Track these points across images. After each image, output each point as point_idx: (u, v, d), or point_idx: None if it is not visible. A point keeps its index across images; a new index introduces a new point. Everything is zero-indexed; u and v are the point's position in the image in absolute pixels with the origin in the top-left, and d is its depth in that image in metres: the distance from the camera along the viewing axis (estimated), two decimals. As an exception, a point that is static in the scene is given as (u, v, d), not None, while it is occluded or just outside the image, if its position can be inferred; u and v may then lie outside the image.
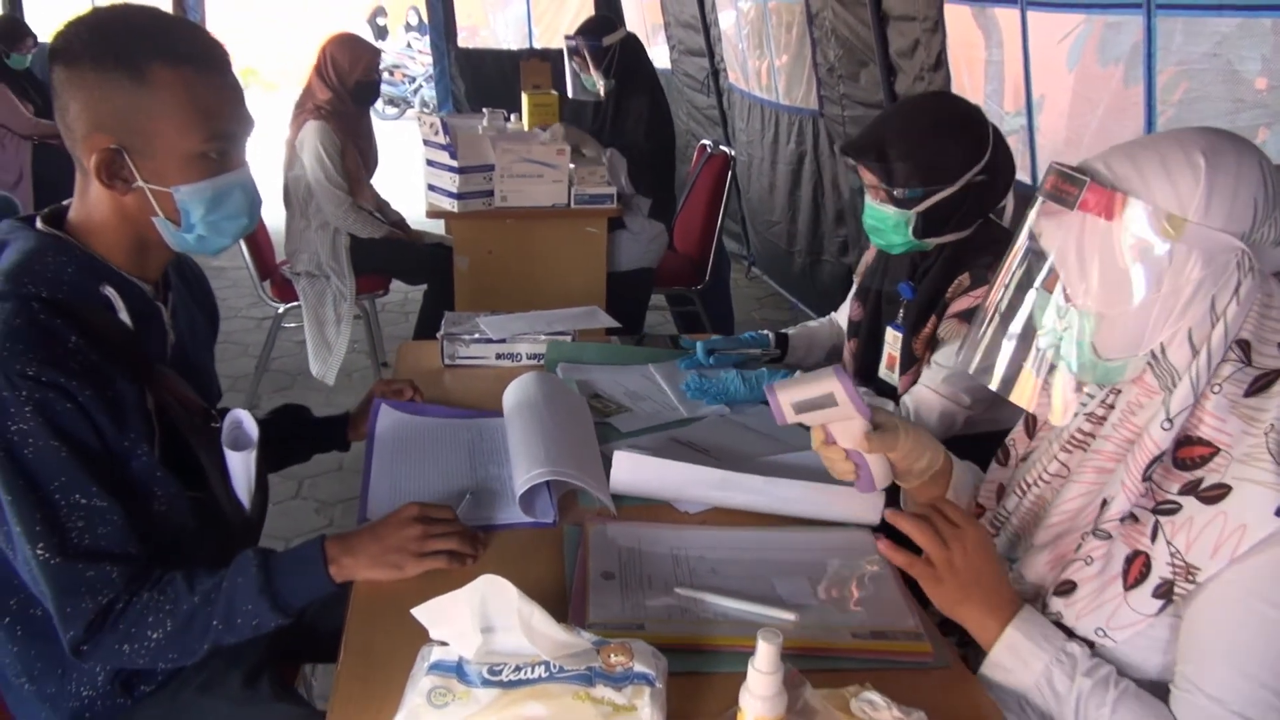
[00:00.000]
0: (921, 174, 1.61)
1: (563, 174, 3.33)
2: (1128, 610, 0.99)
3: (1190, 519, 0.96)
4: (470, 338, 1.88)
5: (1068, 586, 1.05)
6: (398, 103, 12.38)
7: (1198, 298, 0.97)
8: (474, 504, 1.34)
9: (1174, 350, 0.99)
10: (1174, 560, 0.96)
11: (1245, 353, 0.96)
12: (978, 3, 3.07)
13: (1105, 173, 0.99)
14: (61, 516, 1.07)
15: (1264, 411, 0.94)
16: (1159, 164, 0.96)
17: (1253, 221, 0.95)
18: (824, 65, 4.19)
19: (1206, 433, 0.97)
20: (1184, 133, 0.99)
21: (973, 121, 1.65)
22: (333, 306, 3.58)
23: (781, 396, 1.20)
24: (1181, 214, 0.95)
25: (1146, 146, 0.99)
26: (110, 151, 1.12)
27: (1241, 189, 0.95)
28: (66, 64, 1.11)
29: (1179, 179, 0.95)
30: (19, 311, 1.06)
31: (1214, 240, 0.95)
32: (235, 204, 1.21)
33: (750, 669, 0.86)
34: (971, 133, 1.63)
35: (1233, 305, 0.95)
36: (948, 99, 1.82)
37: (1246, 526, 0.91)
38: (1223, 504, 0.94)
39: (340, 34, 3.67)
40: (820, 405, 1.19)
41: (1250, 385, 0.96)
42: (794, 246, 4.83)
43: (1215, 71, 2.18)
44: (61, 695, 1.21)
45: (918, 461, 1.23)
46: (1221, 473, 0.95)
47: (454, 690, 0.90)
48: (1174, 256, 0.96)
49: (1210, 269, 0.96)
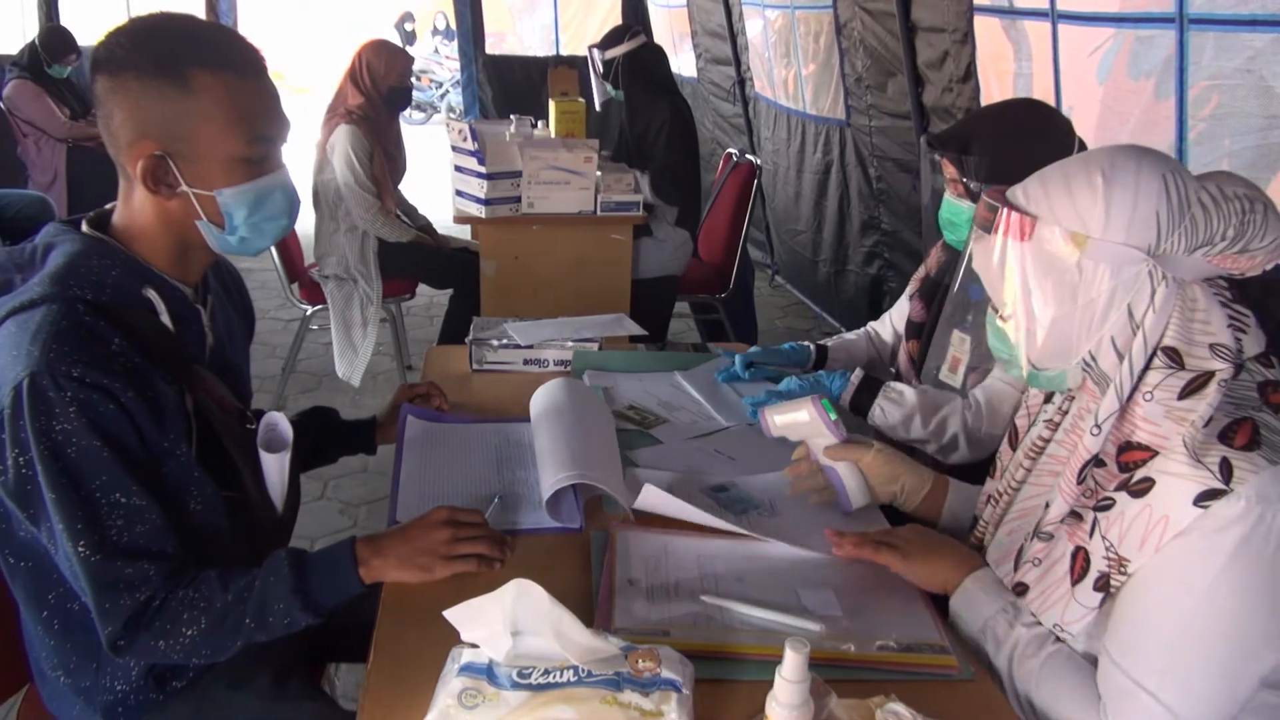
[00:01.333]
0: (1000, 171, 1.59)
1: (589, 181, 3.35)
2: (1076, 605, 1.04)
3: (1121, 512, 1.00)
4: (498, 343, 1.90)
5: (1020, 588, 1.11)
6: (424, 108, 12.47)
7: (1113, 307, 1.02)
8: (502, 508, 1.36)
9: (1103, 357, 1.04)
10: (1108, 553, 1.01)
11: (1175, 359, 1.00)
12: (1008, 15, 3.07)
13: (1020, 197, 1.06)
14: (102, 515, 1.09)
15: (1194, 412, 0.98)
16: (1063, 184, 1.03)
17: (1157, 233, 0.99)
18: (852, 75, 4.19)
19: (1144, 438, 1.01)
20: (1094, 153, 1.05)
21: (1058, 130, 1.68)
22: (359, 309, 3.62)
23: (769, 414, 1.43)
24: (1084, 231, 1.00)
25: (1058, 168, 1.05)
26: (155, 158, 1.15)
27: (1141, 203, 0.99)
28: (110, 73, 1.13)
29: (1079, 197, 1.01)
30: (65, 314, 1.09)
31: (1118, 253, 1.00)
32: (276, 205, 1.23)
33: (778, 677, 0.87)
34: (1055, 140, 1.65)
35: (1149, 314, 1.00)
36: (1040, 106, 1.83)
37: (1168, 518, 0.96)
38: (1147, 497, 0.98)
39: (375, 40, 3.71)
40: (797, 423, 1.40)
41: (1184, 388, 0.99)
42: (819, 256, 4.83)
43: (1247, 87, 2.17)
44: (95, 689, 1.23)
45: (891, 483, 1.37)
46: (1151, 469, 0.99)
47: (484, 692, 0.91)
48: (1083, 271, 1.01)
49: (1120, 279, 1.00)
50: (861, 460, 1.37)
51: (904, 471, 1.37)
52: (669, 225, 3.60)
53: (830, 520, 1.38)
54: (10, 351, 1.07)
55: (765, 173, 5.00)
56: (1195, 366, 0.99)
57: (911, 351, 1.92)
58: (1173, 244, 0.99)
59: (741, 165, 4.06)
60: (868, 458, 1.36)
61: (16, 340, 1.07)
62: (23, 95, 4.98)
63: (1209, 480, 0.94)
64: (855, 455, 1.36)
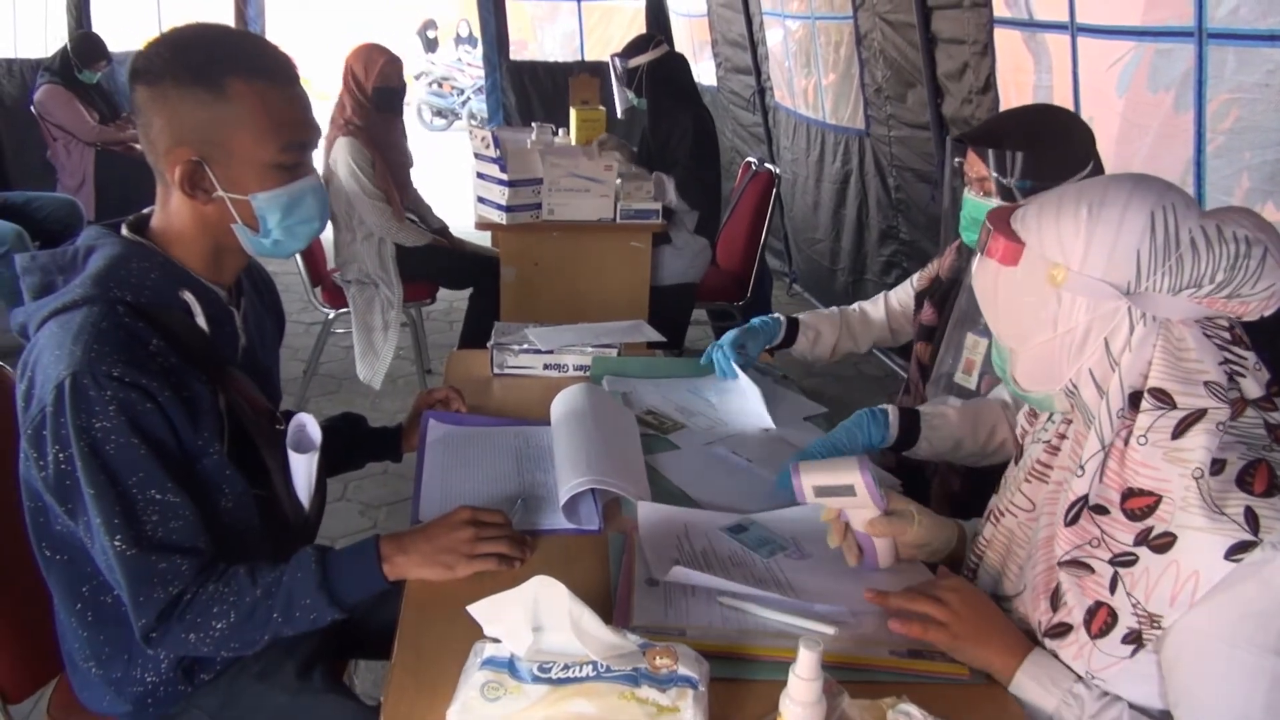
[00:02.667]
0: (1033, 168, 1.64)
1: (609, 189, 3.38)
2: (1100, 654, 1.01)
3: (1146, 569, 0.98)
4: (519, 348, 1.93)
5: (1061, 629, 1.06)
6: (446, 114, 12.56)
7: (1090, 340, 1.02)
8: (524, 509, 1.39)
9: (1083, 388, 1.05)
10: (1136, 611, 0.98)
11: (1164, 400, 0.98)
12: (1028, 28, 3.08)
13: (1018, 222, 1.06)
14: (138, 510, 1.12)
15: (1190, 452, 0.96)
16: (1054, 214, 1.03)
17: (1136, 272, 0.98)
18: (871, 85, 4.21)
19: (1145, 483, 0.99)
20: (1093, 182, 1.04)
21: (1082, 133, 1.70)
22: (381, 313, 3.66)
23: (805, 480, 1.25)
24: (1065, 263, 1.01)
25: (1053, 194, 1.06)
26: (192, 164, 1.18)
27: (1122, 240, 0.98)
28: (149, 83, 1.17)
29: (1064, 228, 1.01)
30: (106, 315, 1.12)
31: (1095, 288, 1.00)
32: (308, 208, 1.27)
33: (791, 675, 0.89)
34: (1080, 142, 1.68)
35: (1126, 353, 1.00)
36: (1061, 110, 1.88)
37: (1199, 574, 0.93)
38: (1172, 552, 0.96)
39: (358, 45, 3.73)
40: (839, 493, 1.24)
41: (1176, 427, 0.97)
42: (837, 265, 4.85)
43: (1267, 101, 2.17)
44: (126, 680, 1.27)
45: (927, 545, 1.29)
46: (1168, 520, 0.97)
47: (506, 685, 0.94)
48: (1061, 301, 1.02)
49: (1097, 314, 1.01)
50: (905, 536, 1.26)
51: (935, 539, 1.29)
52: (688, 233, 3.63)
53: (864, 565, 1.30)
54: (53, 351, 1.11)
55: (784, 181, 5.02)
56: (1187, 405, 0.97)
57: (921, 354, 1.93)
58: (1154, 283, 0.98)
59: (760, 174, 4.08)
60: (909, 535, 1.26)
61: (59, 340, 1.11)
62: (54, 100, 5.06)
63: (1236, 532, 0.92)
64: (898, 532, 1.26)
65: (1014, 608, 1.14)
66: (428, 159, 4.03)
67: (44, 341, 1.13)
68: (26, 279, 1.20)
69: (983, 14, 3.22)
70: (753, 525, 1.39)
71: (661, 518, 1.37)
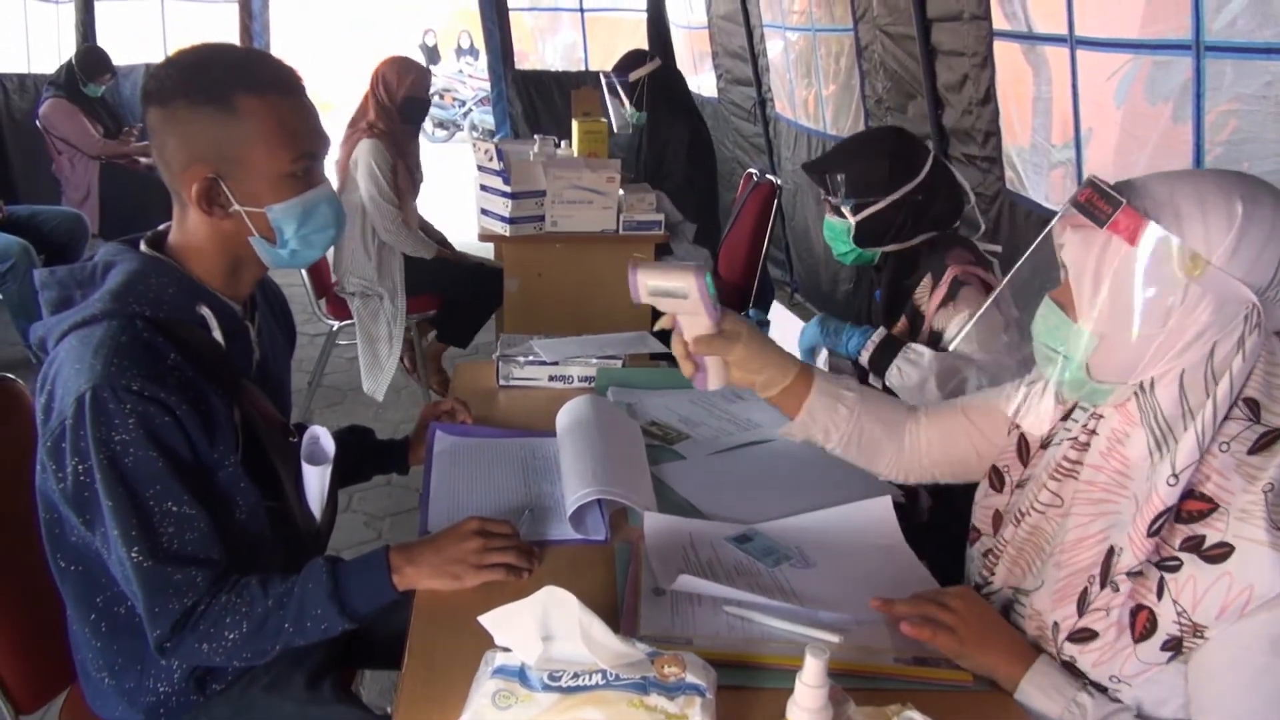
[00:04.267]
0: (853, 187, 1.89)
1: (612, 200, 3.41)
2: (1136, 661, 1.00)
3: (1193, 578, 0.96)
4: (525, 360, 1.94)
5: (1086, 634, 1.04)
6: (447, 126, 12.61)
7: (1199, 342, 0.97)
8: (532, 520, 1.40)
9: (1162, 388, 1.00)
10: (1180, 619, 0.97)
11: (1254, 411, 0.97)
12: (1027, 40, 3.10)
13: (1142, 198, 0.98)
14: (155, 522, 1.14)
15: (1264, 470, 0.94)
16: (1196, 201, 0.96)
17: (1272, 278, 0.95)
18: (872, 96, 4.23)
19: (1210, 489, 0.97)
20: (1226, 175, 1.00)
21: (904, 148, 1.91)
22: (385, 325, 3.68)
23: (642, 278, 1.22)
24: (1206, 255, 0.95)
25: (1187, 181, 0.99)
26: (208, 181, 1.21)
27: (1271, 244, 0.95)
28: (161, 104, 1.20)
29: (1212, 220, 0.95)
30: (125, 329, 1.14)
31: (1229, 288, 0.95)
32: (323, 217, 1.29)
33: (798, 682, 0.91)
34: (901, 157, 1.88)
35: (1237, 359, 0.96)
36: (890, 131, 2.08)
37: (1254, 587, 0.92)
38: (1226, 564, 0.94)
39: (392, 56, 3.78)
40: (673, 295, 1.21)
41: (1255, 443, 0.96)
42: (838, 275, 4.87)
43: (1265, 112, 2.19)
44: (139, 690, 1.28)
45: (758, 374, 1.27)
46: (1222, 530, 0.95)
47: (516, 693, 0.95)
48: (1187, 295, 0.96)
49: (1219, 316, 0.96)
50: (729, 355, 1.25)
51: (769, 364, 1.28)
52: (688, 243, 3.65)
53: (868, 568, 1.33)
54: (73, 365, 1.13)
55: (785, 192, 5.04)
56: (1269, 422, 0.96)
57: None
58: (1277, 293, 0.95)
59: (762, 185, 4.10)
60: (736, 353, 1.25)
61: (79, 354, 1.13)
62: (58, 113, 5.10)
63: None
64: (724, 352, 1.24)
65: (1029, 602, 1.14)
66: (430, 170, 4.05)
67: (64, 355, 1.15)
68: (45, 294, 1.22)
69: (982, 26, 3.25)
70: (757, 535, 1.40)
71: (667, 528, 1.38)
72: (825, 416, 1.31)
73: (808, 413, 1.31)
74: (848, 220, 1.91)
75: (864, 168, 1.88)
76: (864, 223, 1.90)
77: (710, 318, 1.22)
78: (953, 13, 3.40)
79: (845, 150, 1.99)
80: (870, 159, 1.89)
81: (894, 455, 1.36)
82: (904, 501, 1.49)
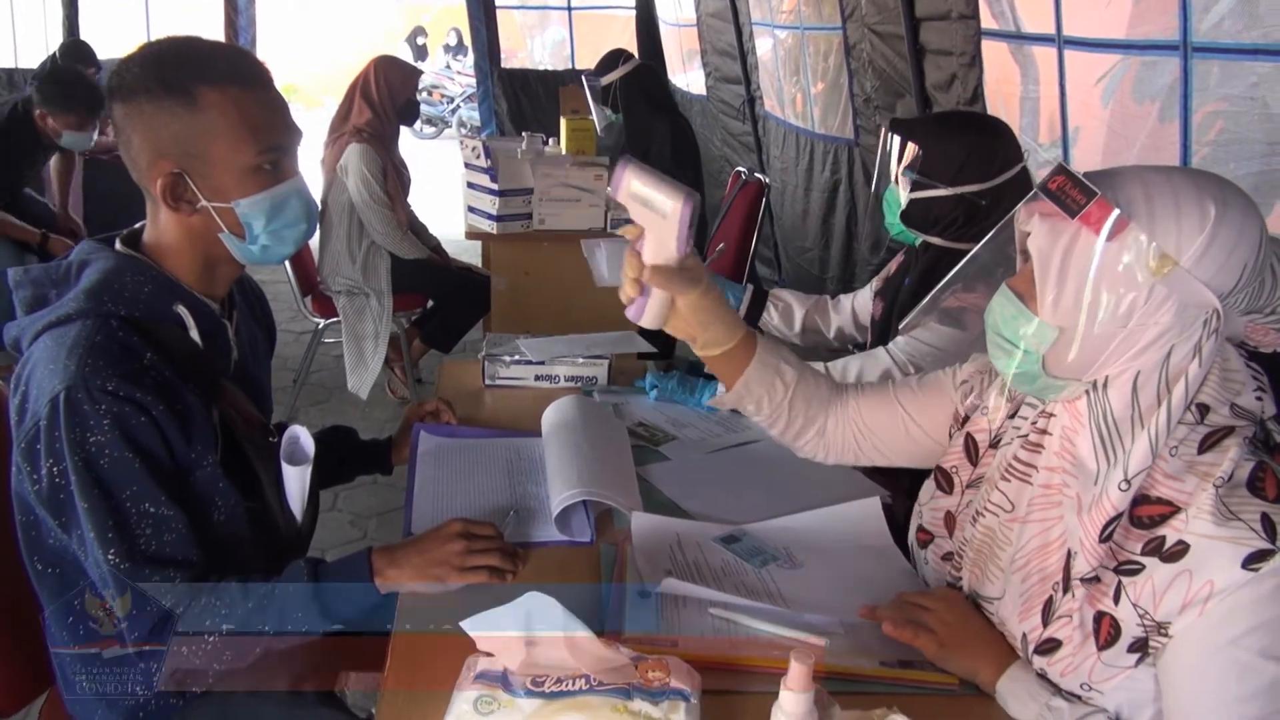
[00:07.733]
0: (923, 162, 1.77)
1: (599, 198, 3.40)
2: (1104, 666, 0.99)
3: (1151, 578, 0.96)
4: (510, 359, 1.93)
5: (1051, 645, 1.03)
6: (435, 123, 12.56)
7: (1157, 344, 0.97)
8: (517, 521, 1.39)
9: (1115, 389, 0.99)
10: (1144, 620, 0.96)
11: (1202, 414, 0.97)
12: (1015, 40, 3.11)
13: (1115, 190, 0.96)
14: (131, 524, 1.13)
15: (1217, 466, 0.94)
16: (1172, 200, 0.94)
17: (1235, 284, 0.94)
18: (860, 95, 4.23)
19: (1165, 493, 0.97)
20: (1201, 176, 0.98)
21: (989, 148, 1.76)
22: (371, 323, 3.66)
23: (630, 173, 1.14)
24: (1175, 256, 0.93)
25: (1162, 178, 0.97)
26: (173, 176, 1.19)
27: (1238, 250, 0.93)
28: (124, 99, 1.18)
29: (1185, 222, 0.93)
30: (100, 329, 1.13)
31: (1193, 291, 0.94)
32: (294, 211, 1.27)
33: (783, 688, 0.90)
34: (981, 155, 1.75)
35: (1193, 365, 0.95)
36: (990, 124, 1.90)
37: (1213, 582, 0.92)
38: (1184, 561, 0.94)
39: (386, 56, 3.77)
40: (652, 208, 1.14)
41: (1201, 443, 0.96)
42: (826, 273, 4.87)
43: (1251, 114, 2.20)
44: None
45: (703, 329, 1.21)
46: (1180, 529, 0.95)
47: (499, 699, 0.94)
48: (1151, 295, 0.95)
49: (1179, 319, 0.95)
50: (683, 295, 1.18)
51: (717, 321, 1.21)
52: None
53: (856, 569, 1.32)
54: (47, 365, 1.11)
55: (774, 191, 5.04)
56: (1212, 422, 0.96)
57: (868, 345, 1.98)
58: (1239, 300, 0.95)
59: (750, 183, 4.09)
60: (690, 297, 1.18)
61: (53, 354, 1.11)
62: (42, 107, 5.04)
63: (1253, 540, 0.90)
64: (681, 290, 1.17)
65: (995, 611, 1.13)
66: (417, 167, 4.04)
67: (38, 355, 1.13)
68: (19, 293, 1.21)
69: (970, 26, 3.25)
70: (745, 536, 1.39)
71: (653, 529, 1.38)
72: (761, 390, 1.27)
73: (744, 384, 1.26)
74: (904, 193, 1.82)
75: (939, 150, 1.76)
76: (916, 203, 1.80)
77: (678, 250, 1.15)
78: (941, 12, 3.40)
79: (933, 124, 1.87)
80: (949, 143, 1.76)
81: (816, 437, 1.34)
82: (892, 503, 1.48)
